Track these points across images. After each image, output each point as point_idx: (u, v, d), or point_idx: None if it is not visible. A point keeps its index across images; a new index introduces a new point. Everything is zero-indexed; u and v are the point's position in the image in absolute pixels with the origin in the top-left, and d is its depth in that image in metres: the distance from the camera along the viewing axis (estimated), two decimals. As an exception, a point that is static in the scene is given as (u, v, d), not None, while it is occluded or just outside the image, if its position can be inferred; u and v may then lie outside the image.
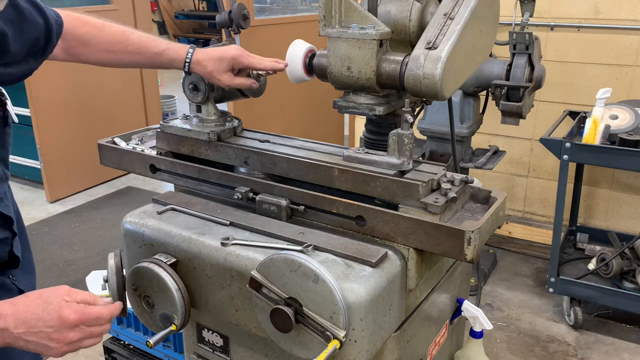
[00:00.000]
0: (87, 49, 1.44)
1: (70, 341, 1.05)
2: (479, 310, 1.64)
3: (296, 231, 1.35)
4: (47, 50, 1.33)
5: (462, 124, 3.00)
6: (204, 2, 12.47)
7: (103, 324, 1.11)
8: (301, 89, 2.41)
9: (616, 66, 3.34)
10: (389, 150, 1.38)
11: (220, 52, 1.49)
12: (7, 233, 1.21)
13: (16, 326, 1.02)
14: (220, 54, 1.48)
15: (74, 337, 1.06)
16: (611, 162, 2.76)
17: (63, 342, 1.05)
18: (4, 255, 1.22)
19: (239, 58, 1.49)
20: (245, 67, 1.52)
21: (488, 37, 1.56)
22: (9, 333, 1.02)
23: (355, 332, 1.17)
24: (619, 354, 2.81)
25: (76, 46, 1.41)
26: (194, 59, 1.49)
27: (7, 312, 1.02)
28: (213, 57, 1.48)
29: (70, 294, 1.08)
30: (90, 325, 1.08)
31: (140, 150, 1.73)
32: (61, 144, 4.74)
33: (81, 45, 1.42)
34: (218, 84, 1.52)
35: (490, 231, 1.30)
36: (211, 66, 1.48)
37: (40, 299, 1.05)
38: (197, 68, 1.50)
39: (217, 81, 1.50)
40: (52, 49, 1.35)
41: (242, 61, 1.49)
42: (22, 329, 1.02)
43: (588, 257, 3.21)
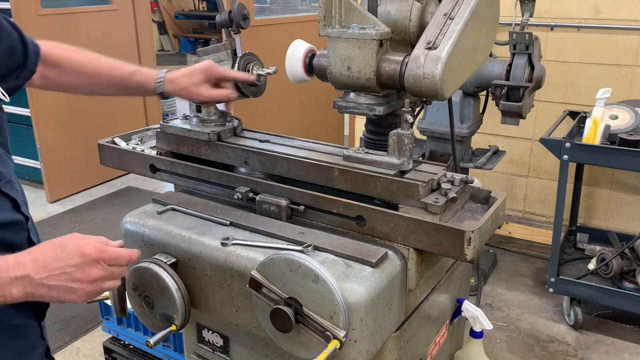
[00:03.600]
0: (60, 71, 1.41)
1: (93, 278, 1.02)
2: (479, 310, 1.64)
3: (296, 231, 1.35)
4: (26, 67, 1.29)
5: (462, 124, 3.00)
6: (204, 2, 12.46)
7: (122, 264, 1.09)
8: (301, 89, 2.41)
9: (616, 66, 3.34)
10: (389, 150, 1.38)
11: (190, 68, 1.48)
12: (20, 216, 1.17)
13: (37, 271, 0.98)
14: (190, 69, 1.47)
15: (97, 274, 1.03)
16: (611, 162, 2.76)
17: (87, 281, 1.02)
18: (23, 241, 1.17)
19: (211, 68, 1.48)
20: (221, 77, 1.50)
21: (488, 37, 1.56)
22: (30, 280, 0.98)
23: (355, 332, 1.17)
24: (619, 354, 2.81)
25: (50, 68, 1.39)
26: (167, 78, 1.47)
27: (26, 259, 0.99)
28: (184, 73, 1.47)
29: (84, 237, 1.06)
30: (110, 264, 1.06)
31: (140, 150, 1.73)
32: (61, 144, 4.74)
33: (55, 68, 1.40)
34: (196, 98, 1.50)
35: (490, 231, 1.30)
36: (185, 82, 1.46)
37: (56, 243, 1.03)
38: (171, 86, 1.47)
39: (194, 95, 1.47)
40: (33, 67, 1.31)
41: (216, 70, 1.48)
42: (43, 273, 0.98)
43: (588, 257, 3.21)
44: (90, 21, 4.95)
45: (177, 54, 12.01)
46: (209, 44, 1.67)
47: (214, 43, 1.63)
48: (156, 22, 11.80)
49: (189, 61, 10.74)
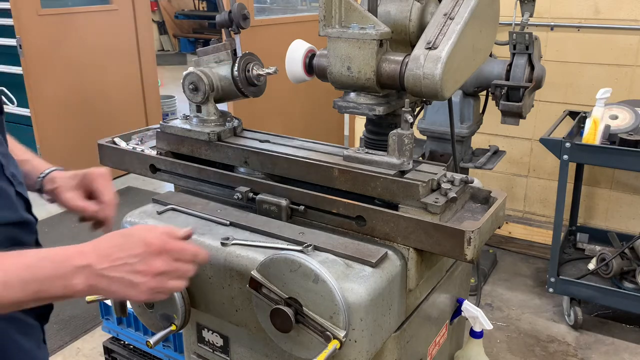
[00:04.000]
0: None
1: (156, 271, 0.96)
2: (479, 310, 1.64)
3: (296, 231, 1.35)
4: None
5: (462, 124, 3.00)
6: (204, 2, 12.46)
7: (187, 260, 1.02)
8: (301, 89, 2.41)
9: (616, 66, 3.34)
10: (389, 150, 1.38)
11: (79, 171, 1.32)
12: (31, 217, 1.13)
13: (99, 261, 0.93)
14: (75, 172, 1.32)
15: (160, 267, 0.97)
16: (611, 162, 2.77)
17: (149, 274, 0.96)
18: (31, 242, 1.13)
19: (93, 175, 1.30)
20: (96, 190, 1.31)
21: (488, 37, 1.56)
22: (91, 270, 0.92)
23: (355, 332, 1.17)
24: (619, 354, 2.81)
25: None
26: (50, 176, 1.29)
27: (88, 249, 0.94)
28: (67, 175, 1.31)
29: (151, 227, 1.03)
30: (175, 258, 1.00)
31: (140, 150, 1.73)
32: (61, 143, 4.74)
33: None
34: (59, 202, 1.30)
35: (490, 231, 1.30)
36: (60, 182, 1.28)
37: (121, 233, 0.99)
38: (48, 185, 1.29)
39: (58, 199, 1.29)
40: None
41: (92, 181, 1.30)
42: (105, 263, 0.93)
43: (588, 257, 3.21)
44: (90, 21, 4.95)
45: (177, 54, 12.01)
46: (209, 44, 1.67)
47: (214, 43, 1.63)
48: (156, 22, 11.80)
49: (189, 61, 10.75)
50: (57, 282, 0.90)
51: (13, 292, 0.87)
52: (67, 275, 0.91)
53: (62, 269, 0.91)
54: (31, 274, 0.88)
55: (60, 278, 0.91)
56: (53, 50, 4.64)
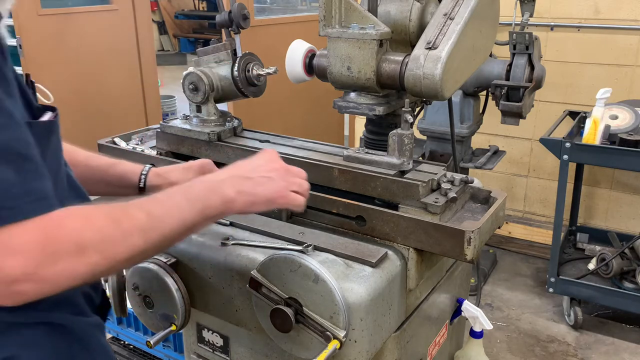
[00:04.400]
0: None
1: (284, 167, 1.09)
2: (479, 310, 1.64)
3: (296, 231, 1.35)
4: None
5: (462, 124, 3.00)
6: (204, 2, 12.46)
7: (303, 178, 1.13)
8: (301, 89, 2.41)
9: (616, 66, 3.34)
10: (389, 150, 1.38)
11: (185, 164, 1.37)
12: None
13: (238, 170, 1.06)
14: (186, 165, 1.36)
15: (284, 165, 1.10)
16: (611, 162, 2.77)
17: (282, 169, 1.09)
18: None
19: (207, 166, 1.36)
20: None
21: (488, 37, 1.56)
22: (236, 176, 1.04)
23: (355, 332, 1.17)
24: (619, 354, 2.81)
25: None
26: (154, 171, 1.34)
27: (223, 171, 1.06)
28: (177, 168, 1.35)
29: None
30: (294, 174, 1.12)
31: (140, 150, 1.73)
32: (61, 143, 4.73)
33: None
34: None
35: (490, 231, 1.30)
36: (176, 177, 1.33)
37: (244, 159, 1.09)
38: (158, 180, 1.33)
39: None
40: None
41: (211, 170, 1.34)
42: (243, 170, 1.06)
43: (588, 257, 3.21)
44: (90, 21, 4.95)
45: (177, 54, 12.01)
46: (209, 44, 1.67)
47: (214, 43, 1.63)
48: (156, 22, 11.80)
49: (189, 61, 10.74)
50: (214, 196, 0.99)
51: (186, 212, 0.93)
52: (218, 188, 1.00)
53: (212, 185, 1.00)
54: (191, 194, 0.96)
55: (214, 192, 0.99)
56: (53, 50, 4.64)
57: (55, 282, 0.78)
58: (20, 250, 0.74)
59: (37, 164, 0.78)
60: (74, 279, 0.79)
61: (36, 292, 0.77)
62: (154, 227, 0.89)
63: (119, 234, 0.84)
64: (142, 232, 0.87)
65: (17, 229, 0.74)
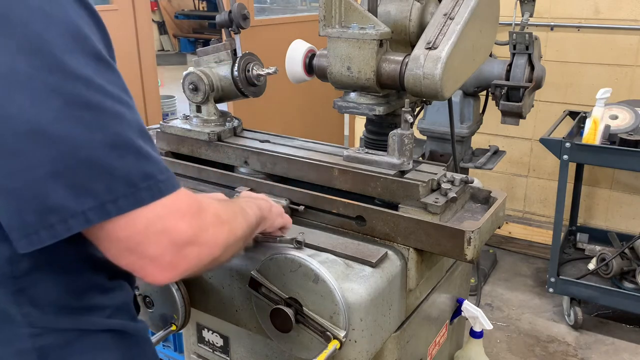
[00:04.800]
0: None
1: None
2: (479, 310, 1.64)
3: (296, 231, 1.35)
4: None
5: (462, 124, 3.00)
6: (204, 2, 12.46)
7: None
8: (301, 89, 2.41)
9: (616, 66, 3.34)
10: (389, 150, 1.38)
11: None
12: None
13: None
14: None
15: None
16: (611, 162, 2.76)
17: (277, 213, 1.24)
18: None
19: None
20: None
21: (488, 37, 1.56)
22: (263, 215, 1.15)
23: (355, 332, 1.17)
24: (619, 354, 2.81)
25: None
26: None
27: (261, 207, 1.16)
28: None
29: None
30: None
31: (140, 150, 1.73)
32: (61, 144, 4.73)
33: None
34: None
35: (490, 231, 1.30)
36: None
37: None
38: None
39: None
40: None
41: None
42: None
43: (588, 257, 3.21)
44: (90, 21, 4.95)
45: (177, 54, 12.01)
46: (209, 44, 1.67)
47: (214, 43, 1.63)
48: (156, 22, 11.80)
49: (189, 61, 10.74)
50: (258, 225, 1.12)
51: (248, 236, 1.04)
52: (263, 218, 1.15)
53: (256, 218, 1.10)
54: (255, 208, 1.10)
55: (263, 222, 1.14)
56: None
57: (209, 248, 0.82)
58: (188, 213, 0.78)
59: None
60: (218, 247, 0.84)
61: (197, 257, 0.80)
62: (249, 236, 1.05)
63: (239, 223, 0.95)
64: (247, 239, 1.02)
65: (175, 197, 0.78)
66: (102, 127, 0.72)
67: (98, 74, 0.74)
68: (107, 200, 0.71)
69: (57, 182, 0.69)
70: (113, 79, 0.77)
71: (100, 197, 0.71)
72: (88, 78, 0.72)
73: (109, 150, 0.72)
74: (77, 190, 0.70)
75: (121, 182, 0.72)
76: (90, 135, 0.71)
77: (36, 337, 0.82)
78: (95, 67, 0.74)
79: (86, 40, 0.74)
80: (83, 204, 0.71)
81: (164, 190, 0.76)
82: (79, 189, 0.70)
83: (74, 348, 0.86)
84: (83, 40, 0.74)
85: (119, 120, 0.74)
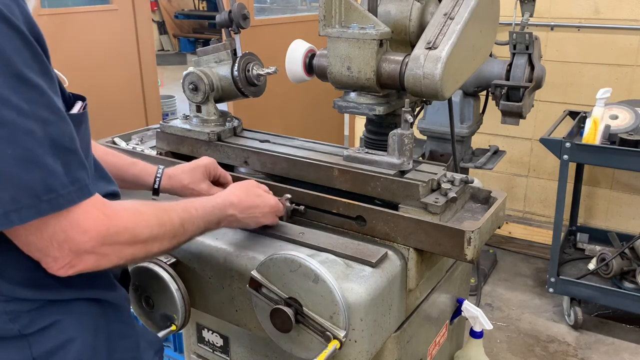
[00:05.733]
0: None
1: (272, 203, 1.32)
2: (479, 310, 1.64)
3: (296, 231, 1.35)
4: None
5: (462, 124, 3.00)
6: (204, 2, 12.46)
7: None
8: (301, 89, 2.41)
9: (616, 66, 3.34)
10: (389, 150, 1.38)
11: (190, 164, 1.45)
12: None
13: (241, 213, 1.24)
14: (190, 165, 1.44)
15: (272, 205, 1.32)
16: (611, 162, 2.76)
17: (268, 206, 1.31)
18: None
19: (212, 165, 1.44)
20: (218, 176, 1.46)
21: (488, 37, 1.56)
22: (234, 218, 1.23)
23: (355, 332, 1.17)
24: (619, 354, 2.81)
25: None
26: (166, 173, 1.41)
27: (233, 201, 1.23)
28: (185, 170, 1.42)
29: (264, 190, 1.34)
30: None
31: (140, 150, 1.73)
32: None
33: None
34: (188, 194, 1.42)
35: (490, 231, 1.30)
36: (186, 179, 1.41)
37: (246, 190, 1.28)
38: (170, 182, 1.42)
39: (195, 193, 1.41)
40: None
41: (216, 168, 1.45)
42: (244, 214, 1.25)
43: (588, 257, 3.21)
44: (90, 21, 4.95)
45: (177, 53, 12.01)
46: (209, 44, 1.67)
47: (214, 43, 1.63)
48: (156, 22, 11.80)
49: (189, 61, 10.74)
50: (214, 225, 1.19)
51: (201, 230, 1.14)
52: (222, 220, 1.21)
53: (222, 215, 1.20)
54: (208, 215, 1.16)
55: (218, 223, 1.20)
56: (53, 50, 4.59)
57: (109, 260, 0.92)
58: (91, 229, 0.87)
59: (80, 155, 0.88)
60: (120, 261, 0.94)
61: (94, 264, 0.90)
62: (182, 234, 1.07)
63: (161, 234, 1.01)
64: (174, 238, 1.05)
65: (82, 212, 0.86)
66: (12, 143, 0.79)
67: (16, 93, 0.80)
68: (10, 209, 0.80)
69: None
70: (33, 98, 0.82)
71: (5, 207, 0.80)
72: (4, 97, 0.79)
73: (17, 165, 0.80)
74: None
75: (25, 194, 0.80)
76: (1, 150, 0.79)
77: (5, 302, 0.93)
78: (14, 87, 0.80)
79: (8, 62, 0.80)
80: None
81: (63, 204, 0.83)
82: None
83: (43, 312, 0.96)
84: (5, 62, 0.80)
85: (30, 137, 0.81)
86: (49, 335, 0.97)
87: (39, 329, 0.96)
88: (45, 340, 0.97)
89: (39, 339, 0.96)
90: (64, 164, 0.85)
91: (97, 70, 5.09)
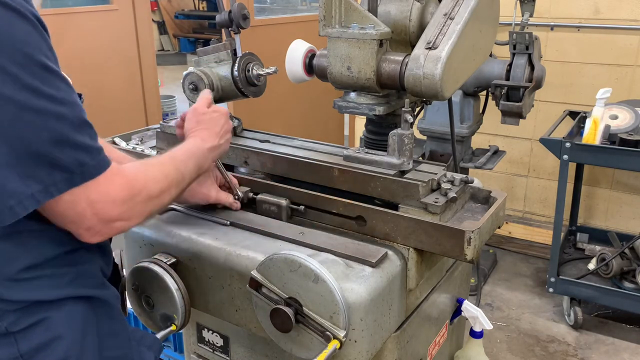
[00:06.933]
0: None
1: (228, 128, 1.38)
2: (479, 310, 1.64)
3: (296, 231, 1.35)
4: None
5: (462, 124, 3.00)
6: (204, 2, 12.46)
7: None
8: (301, 89, 2.41)
9: (616, 66, 3.34)
10: (389, 150, 1.38)
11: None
12: None
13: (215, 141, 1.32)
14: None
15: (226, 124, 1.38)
16: (611, 162, 2.76)
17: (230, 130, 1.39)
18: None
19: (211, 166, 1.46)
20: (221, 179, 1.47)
21: (488, 37, 1.56)
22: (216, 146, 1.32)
23: (355, 332, 1.17)
24: (619, 354, 2.81)
25: None
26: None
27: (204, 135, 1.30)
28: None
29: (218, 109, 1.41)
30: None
31: (140, 150, 1.73)
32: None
33: None
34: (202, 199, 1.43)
35: (490, 231, 1.30)
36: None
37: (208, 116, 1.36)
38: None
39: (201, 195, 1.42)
40: None
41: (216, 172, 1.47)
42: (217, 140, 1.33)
43: (588, 257, 3.21)
44: (90, 21, 4.95)
45: (177, 54, 12.01)
46: (209, 44, 1.67)
47: (214, 43, 1.63)
48: (156, 22, 11.79)
49: (189, 61, 10.74)
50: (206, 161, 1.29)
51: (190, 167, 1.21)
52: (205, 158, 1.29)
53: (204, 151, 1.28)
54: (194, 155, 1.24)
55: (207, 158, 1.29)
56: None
57: (134, 222, 1.02)
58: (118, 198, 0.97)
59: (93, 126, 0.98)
60: (141, 219, 1.04)
61: (124, 228, 1.01)
62: (182, 180, 1.18)
63: (167, 186, 1.11)
64: (177, 185, 1.16)
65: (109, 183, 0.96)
66: (47, 127, 0.89)
67: (45, 83, 0.89)
68: (49, 184, 0.90)
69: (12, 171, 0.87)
70: (57, 84, 0.91)
71: (45, 182, 0.89)
72: (36, 88, 0.88)
73: (52, 146, 0.89)
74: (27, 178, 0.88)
75: (60, 170, 0.90)
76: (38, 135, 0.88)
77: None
78: (42, 78, 0.89)
79: (33, 54, 0.88)
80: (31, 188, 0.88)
81: (93, 173, 0.93)
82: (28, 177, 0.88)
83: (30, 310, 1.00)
84: (30, 55, 0.88)
85: (62, 120, 0.91)
86: (36, 332, 1.00)
87: (26, 326, 0.99)
88: (33, 338, 1.00)
89: (26, 336, 0.99)
90: (90, 137, 0.94)
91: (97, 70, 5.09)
